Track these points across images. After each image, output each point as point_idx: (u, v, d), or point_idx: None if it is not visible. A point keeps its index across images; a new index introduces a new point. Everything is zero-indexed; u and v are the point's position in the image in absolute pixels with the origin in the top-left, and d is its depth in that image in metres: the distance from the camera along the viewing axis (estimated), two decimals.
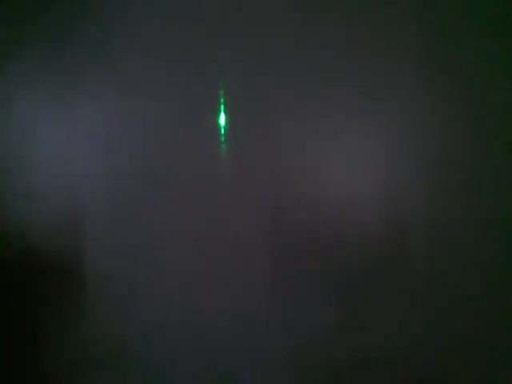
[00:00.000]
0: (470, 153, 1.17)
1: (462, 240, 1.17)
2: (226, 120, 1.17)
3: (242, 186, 1.17)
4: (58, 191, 1.17)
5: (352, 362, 1.16)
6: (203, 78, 1.17)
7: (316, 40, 1.17)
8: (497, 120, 1.17)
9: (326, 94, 1.18)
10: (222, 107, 1.17)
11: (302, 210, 1.17)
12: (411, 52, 1.17)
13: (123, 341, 1.16)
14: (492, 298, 1.16)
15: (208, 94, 1.17)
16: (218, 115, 1.17)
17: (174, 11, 1.17)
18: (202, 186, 1.17)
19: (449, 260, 1.17)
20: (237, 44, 1.17)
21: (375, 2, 1.18)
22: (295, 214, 1.17)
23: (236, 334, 1.16)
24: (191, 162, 1.17)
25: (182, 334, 1.16)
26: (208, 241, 1.17)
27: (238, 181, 1.17)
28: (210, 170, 1.17)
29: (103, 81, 1.17)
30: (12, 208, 1.17)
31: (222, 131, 1.17)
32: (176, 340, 1.16)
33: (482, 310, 1.16)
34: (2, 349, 1.15)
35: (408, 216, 1.17)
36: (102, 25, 1.17)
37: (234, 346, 1.16)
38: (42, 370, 1.16)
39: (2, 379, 1.15)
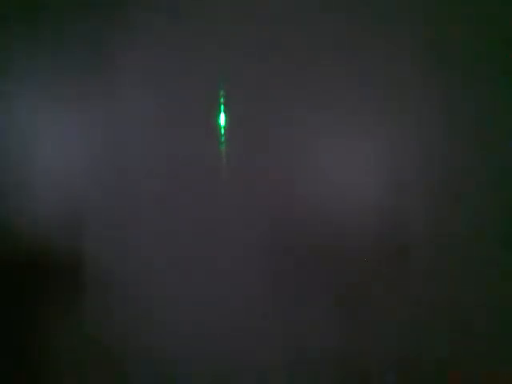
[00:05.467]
0: (470, 153, 1.17)
1: (463, 240, 1.17)
2: (226, 120, 1.17)
3: (242, 185, 1.17)
4: (58, 191, 1.17)
5: (352, 362, 1.16)
6: (203, 78, 1.17)
7: (316, 40, 1.17)
8: (497, 120, 1.17)
9: (326, 93, 1.18)
10: (222, 107, 1.17)
11: (302, 210, 1.17)
12: (411, 51, 1.18)
13: (123, 341, 1.16)
14: (492, 298, 1.16)
15: (208, 94, 1.17)
16: (217, 115, 1.17)
17: (174, 11, 1.17)
18: (201, 185, 1.17)
19: (449, 260, 1.17)
20: (237, 44, 1.17)
21: (376, 2, 1.18)
22: (295, 214, 1.17)
23: (236, 335, 1.16)
24: (191, 162, 1.17)
25: (181, 333, 1.16)
26: (208, 240, 1.17)
27: (238, 180, 1.17)
28: (210, 170, 1.17)
29: (103, 81, 1.17)
30: (12, 208, 1.17)
31: (222, 131, 1.17)
32: (176, 340, 1.16)
33: (483, 310, 1.16)
34: (1, 348, 1.15)
35: (408, 216, 1.17)
36: (102, 24, 1.17)
37: (234, 346, 1.16)
38: (42, 370, 1.16)
39: (1, 379, 1.15)
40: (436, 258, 1.17)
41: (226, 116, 1.17)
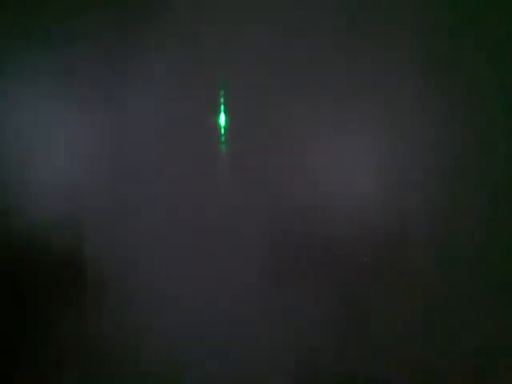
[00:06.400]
0: (470, 152, 1.17)
1: (463, 240, 1.17)
2: (226, 120, 1.17)
3: (242, 185, 1.17)
4: (59, 191, 1.17)
5: (352, 362, 1.16)
6: (203, 78, 1.17)
7: (316, 40, 1.17)
8: (497, 119, 1.17)
9: (326, 94, 1.17)
10: (222, 107, 1.17)
11: (302, 210, 1.17)
12: (411, 52, 1.17)
13: (123, 341, 1.16)
14: (492, 298, 1.16)
15: (208, 93, 1.17)
16: (218, 115, 1.17)
17: (174, 11, 1.17)
18: (202, 185, 1.17)
19: (449, 260, 1.17)
20: (237, 44, 1.17)
21: (376, 3, 1.18)
22: (295, 213, 1.17)
23: (235, 334, 1.16)
24: (191, 162, 1.17)
25: (181, 333, 1.16)
26: (208, 240, 1.17)
27: (238, 180, 1.17)
28: (210, 170, 1.17)
29: (103, 81, 1.17)
30: (13, 207, 1.17)
31: (222, 131, 1.17)
32: (176, 339, 1.16)
33: (483, 310, 1.16)
34: (2, 348, 1.15)
35: (408, 216, 1.17)
36: (102, 23, 1.17)
37: (234, 346, 1.16)
38: (43, 370, 1.16)
39: (2, 379, 1.15)
40: (436, 258, 1.17)
41: (225, 116, 1.17)
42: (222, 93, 1.17)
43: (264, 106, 1.17)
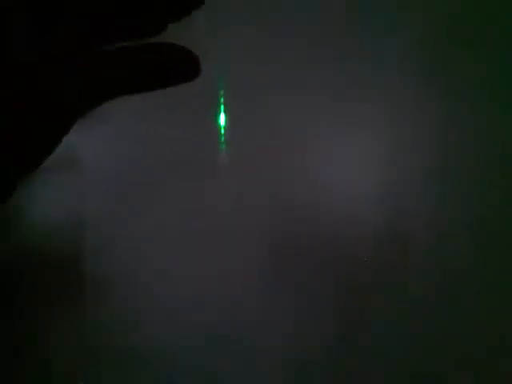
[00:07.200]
0: (470, 152, 1.17)
1: (463, 240, 1.17)
2: (226, 120, 1.17)
3: (242, 186, 1.17)
4: (58, 190, 1.17)
5: (352, 362, 1.16)
6: (203, 77, 1.17)
7: (316, 40, 1.17)
8: (497, 119, 1.17)
9: (326, 93, 1.18)
10: (222, 107, 1.17)
11: (302, 210, 1.17)
12: (411, 52, 1.18)
13: (124, 341, 1.16)
14: (493, 298, 1.16)
15: (208, 93, 1.17)
16: (218, 115, 1.17)
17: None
18: (201, 186, 1.17)
19: (449, 261, 1.17)
20: (237, 44, 1.17)
21: (375, 3, 1.18)
22: (295, 213, 1.17)
23: (235, 335, 1.16)
24: (191, 163, 1.17)
25: (182, 333, 1.16)
26: (208, 241, 1.17)
27: (238, 181, 1.17)
28: (210, 170, 1.17)
29: None
30: (11, 207, 1.17)
31: (222, 131, 1.17)
32: (176, 340, 1.16)
33: (483, 311, 1.16)
34: (1, 349, 1.15)
35: (409, 216, 1.17)
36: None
37: (233, 347, 1.16)
38: (42, 370, 1.16)
39: (1, 379, 1.15)
40: (436, 258, 1.17)
41: (225, 116, 1.17)
42: (221, 93, 1.17)
43: (264, 105, 1.17)
